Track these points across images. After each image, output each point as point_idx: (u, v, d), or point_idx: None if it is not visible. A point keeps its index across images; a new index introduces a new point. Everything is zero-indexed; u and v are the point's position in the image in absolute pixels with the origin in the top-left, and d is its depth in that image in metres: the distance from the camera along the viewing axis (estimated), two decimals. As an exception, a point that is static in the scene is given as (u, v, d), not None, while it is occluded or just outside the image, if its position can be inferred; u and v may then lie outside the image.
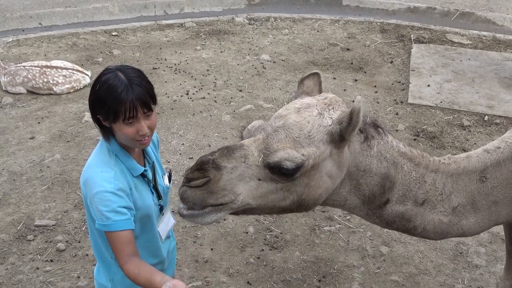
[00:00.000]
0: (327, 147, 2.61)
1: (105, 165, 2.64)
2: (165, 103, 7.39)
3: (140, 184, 2.77)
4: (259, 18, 10.70)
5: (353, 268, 4.78)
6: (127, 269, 2.60)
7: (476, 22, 11.17)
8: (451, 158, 3.00)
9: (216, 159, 2.55)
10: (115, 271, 2.88)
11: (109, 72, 2.58)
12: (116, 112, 2.50)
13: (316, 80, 3.01)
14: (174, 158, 6.21)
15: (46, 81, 7.49)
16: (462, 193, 2.94)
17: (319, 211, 5.42)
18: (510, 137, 3.00)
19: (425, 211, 2.92)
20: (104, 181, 2.58)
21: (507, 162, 2.92)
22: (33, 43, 9.28)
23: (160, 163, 3.04)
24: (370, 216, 2.98)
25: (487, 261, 4.87)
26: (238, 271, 4.71)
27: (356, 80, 8.23)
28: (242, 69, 8.51)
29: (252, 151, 2.59)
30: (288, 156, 2.51)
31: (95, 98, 2.58)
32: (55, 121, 6.93)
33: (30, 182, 5.72)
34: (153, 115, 2.63)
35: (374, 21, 10.63)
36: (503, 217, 3.05)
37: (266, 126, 2.69)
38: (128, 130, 2.55)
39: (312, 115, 2.63)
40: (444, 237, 3.10)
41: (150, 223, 2.86)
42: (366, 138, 2.77)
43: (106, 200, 2.55)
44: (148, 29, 10.06)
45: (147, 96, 2.55)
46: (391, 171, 2.82)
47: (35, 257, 4.80)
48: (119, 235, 2.58)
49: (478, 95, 7.84)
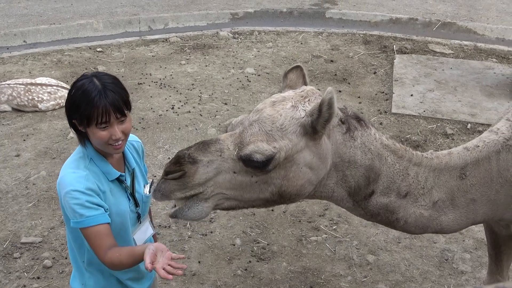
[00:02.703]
0: (301, 139, 2.66)
1: (77, 167, 2.69)
2: (150, 117, 7.41)
3: (116, 189, 2.81)
4: (243, 32, 10.78)
5: (340, 278, 4.80)
6: (109, 259, 2.63)
7: (457, 32, 11.34)
8: (433, 153, 3.05)
9: (192, 153, 2.63)
10: (88, 276, 2.91)
11: (85, 78, 2.64)
12: (89, 116, 2.55)
13: (299, 73, 3.07)
14: (160, 172, 6.22)
15: (31, 98, 7.49)
16: (442, 188, 2.99)
17: (306, 222, 5.45)
18: (488, 137, 3.06)
19: (408, 204, 2.97)
20: (74, 181, 2.63)
21: (484, 161, 2.97)
22: (17, 61, 9.28)
23: (143, 172, 3.06)
24: (356, 208, 3.03)
25: (472, 267, 4.92)
26: (225, 283, 4.71)
27: (340, 91, 8.31)
28: (227, 83, 8.56)
29: (228, 145, 2.66)
30: (257, 149, 2.58)
31: (70, 103, 2.63)
32: (40, 138, 6.92)
33: (16, 200, 5.70)
34: (127, 121, 2.68)
35: (357, 32, 10.75)
36: (481, 216, 3.10)
37: (244, 120, 2.76)
38: (102, 134, 2.60)
39: (286, 108, 2.69)
40: (423, 232, 3.15)
41: (124, 230, 2.88)
42: (348, 129, 2.81)
43: (77, 198, 2.60)
44: (132, 45, 10.09)
45: (120, 101, 2.60)
46: (376, 163, 2.87)
47: (22, 275, 4.77)
48: (94, 230, 2.62)
49: (460, 104, 7.94)
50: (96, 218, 2.62)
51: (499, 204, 3.06)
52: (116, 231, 2.81)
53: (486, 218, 3.18)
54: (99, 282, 2.92)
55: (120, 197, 2.82)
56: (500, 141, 3.00)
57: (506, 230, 3.50)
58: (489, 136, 3.05)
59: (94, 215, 2.61)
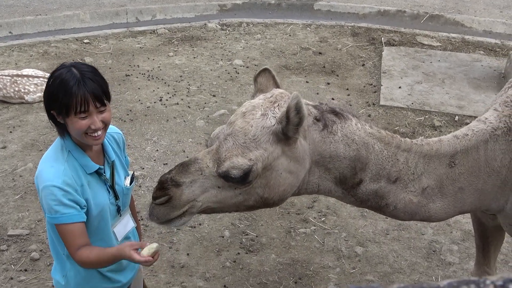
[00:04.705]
0: (276, 147, 2.67)
1: (55, 160, 2.68)
2: (138, 109, 7.37)
3: (94, 182, 2.78)
4: (232, 24, 10.73)
5: (328, 269, 4.82)
6: (79, 257, 2.65)
7: (445, 24, 11.36)
8: (423, 140, 3.06)
9: (173, 176, 2.67)
10: (69, 267, 2.90)
11: (63, 67, 2.62)
12: (68, 105, 2.53)
13: (268, 76, 3.06)
14: (148, 164, 6.19)
15: (17, 90, 7.41)
16: (432, 175, 3.00)
17: (294, 214, 5.46)
18: (476, 126, 3.07)
19: (398, 189, 2.98)
20: (52, 176, 2.62)
21: (473, 150, 2.99)
22: (3, 52, 9.17)
23: (123, 164, 3.04)
24: (345, 196, 3.04)
25: (460, 258, 4.95)
26: (214, 275, 4.71)
27: (329, 84, 8.31)
28: (215, 75, 8.53)
29: (207, 163, 2.69)
30: (234, 165, 2.60)
31: (48, 93, 2.61)
32: (27, 130, 6.86)
33: (3, 192, 5.65)
34: (107, 111, 2.66)
35: (345, 25, 10.74)
36: (468, 205, 3.12)
37: (220, 134, 2.78)
38: (81, 123, 2.57)
39: (256, 118, 2.69)
40: (411, 218, 3.16)
41: (104, 222, 2.86)
42: (325, 126, 2.80)
43: (53, 194, 2.59)
44: (120, 36, 10.01)
45: (99, 90, 2.59)
46: (362, 152, 2.87)
47: (9, 267, 4.74)
48: (68, 227, 2.63)
49: (448, 96, 7.97)
50: (71, 216, 2.62)
51: (486, 194, 3.08)
52: (95, 224, 2.81)
53: (474, 208, 3.20)
54: (80, 273, 2.91)
55: (98, 190, 2.80)
56: (488, 130, 3.01)
57: (493, 221, 3.52)
58: (478, 125, 3.07)
59: (68, 213, 2.61)
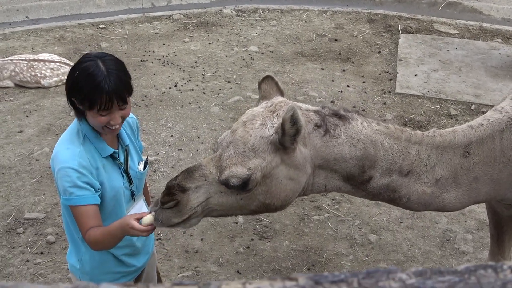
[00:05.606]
0: (275, 156, 2.71)
1: (72, 143, 2.73)
2: (153, 95, 7.39)
3: (109, 165, 2.83)
4: (247, 10, 10.69)
5: (342, 256, 4.82)
6: (88, 237, 2.70)
7: (463, 11, 11.23)
8: (436, 131, 3.05)
9: (179, 182, 2.73)
10: (83, 251, 2.95)
11: (89, 59, 2.63)
12: (91, 102, 2.57)
13: (271, 83, 3.08)
14: (163, 150, 6.22)
15: (33, 74, 7.46)
16: (445, 166, 2.99)
17: (308, 201, 5.46)
18: (492, 116, 3.05)
19: (410, 182, 2.98)
20: (68, 157, 2.66)
21: (488, 139, 2.97)
22: (20, 37, 9.23)
23: (137, 149, 3.08)
24: (356, 191, 3.04)
25: (474, 247, 4.94)
26: (228, 261, 4.74)
27: (344, 71, 8.27)
28: (231, 61, 8.51)
29: (210, 169, 2.75)
30: (233, 174, 2.65)
31: (73, 84, 2.64)
32: (43, 114, 6.91)
33: (19, 176, 5.72)
34: (127, 107, 2.71)
35: (361, 11, 10.66)
36: (483, 195, 3.10)
37: (223, 141, 2.83)
38: (101, 119, 2.63)
39: (255, 127, 2.73)
40: (426, 209, 3.16)
41: (118, 206, 2.91)
42: (326, 131, 2.81)
43: (68, 176, 2.63)
44: (135, 22, 10.02)
45: (123, 90, 2.63)
46: (370, 151, 2.86)
47: (25, 250, 4.81)
48: (82, 209, 2.67)
49: (465, 84, 7.90)
50: (86, 198, 2.66)
51: (502, 184, 3.06)
52: (109, 208, 2.85)
53: (489, 198, 3.18)
54: (94, 257, 2.95)
55: (112, 173, 2.84)
56: (504, 120, 2.99)
57: (508, 211, 3.50)
58: (494, 115, 3.04)
59: (83, 195, 2.65)
